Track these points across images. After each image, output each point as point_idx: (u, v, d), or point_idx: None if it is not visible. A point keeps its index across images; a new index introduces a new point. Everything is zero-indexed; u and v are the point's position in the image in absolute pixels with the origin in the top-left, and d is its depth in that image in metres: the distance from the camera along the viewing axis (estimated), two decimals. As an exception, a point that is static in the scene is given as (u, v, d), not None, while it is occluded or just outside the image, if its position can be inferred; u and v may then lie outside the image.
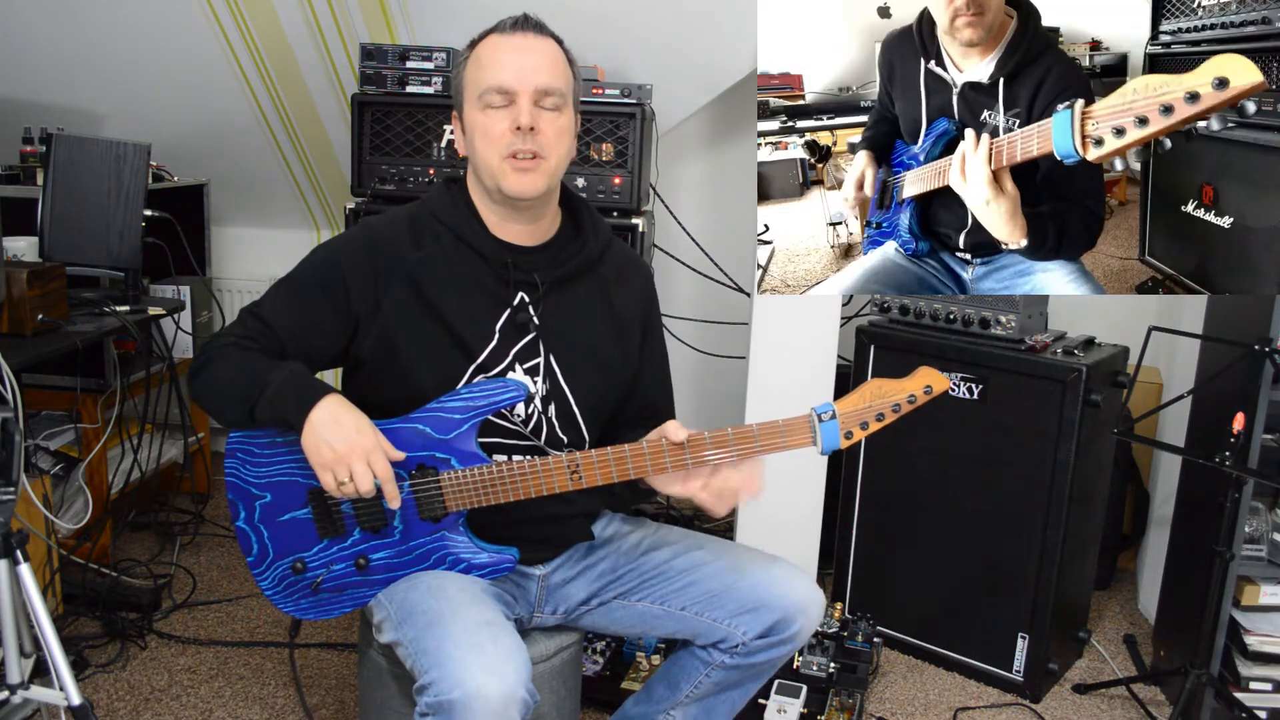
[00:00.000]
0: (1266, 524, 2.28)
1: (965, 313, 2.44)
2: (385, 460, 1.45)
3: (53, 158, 2.43)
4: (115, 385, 2.75)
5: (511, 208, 1.57)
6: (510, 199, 1.55)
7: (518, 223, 1.60)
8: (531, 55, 1.52)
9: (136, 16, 2.94)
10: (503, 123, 1.51)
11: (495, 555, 1.57)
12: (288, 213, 3.64)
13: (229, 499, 1.58)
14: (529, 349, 1.59)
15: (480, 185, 1.59)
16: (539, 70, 1.52)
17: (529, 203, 1.56)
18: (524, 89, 1.50)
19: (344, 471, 1.42)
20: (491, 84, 1.51)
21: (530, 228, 1.61)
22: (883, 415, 1.46)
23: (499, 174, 1.52)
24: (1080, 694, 2.49)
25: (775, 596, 1.56)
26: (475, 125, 1.54)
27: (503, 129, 1.51)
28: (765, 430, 1.49)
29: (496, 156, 1.52)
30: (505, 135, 1.51)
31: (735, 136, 3.46)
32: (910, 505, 2.56)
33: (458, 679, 1.30)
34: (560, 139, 1.55)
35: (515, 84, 1.50)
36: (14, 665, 1.78)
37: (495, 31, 1.55)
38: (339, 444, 1.42)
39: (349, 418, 1.45)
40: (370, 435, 1.45)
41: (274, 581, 1.58)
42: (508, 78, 1.50)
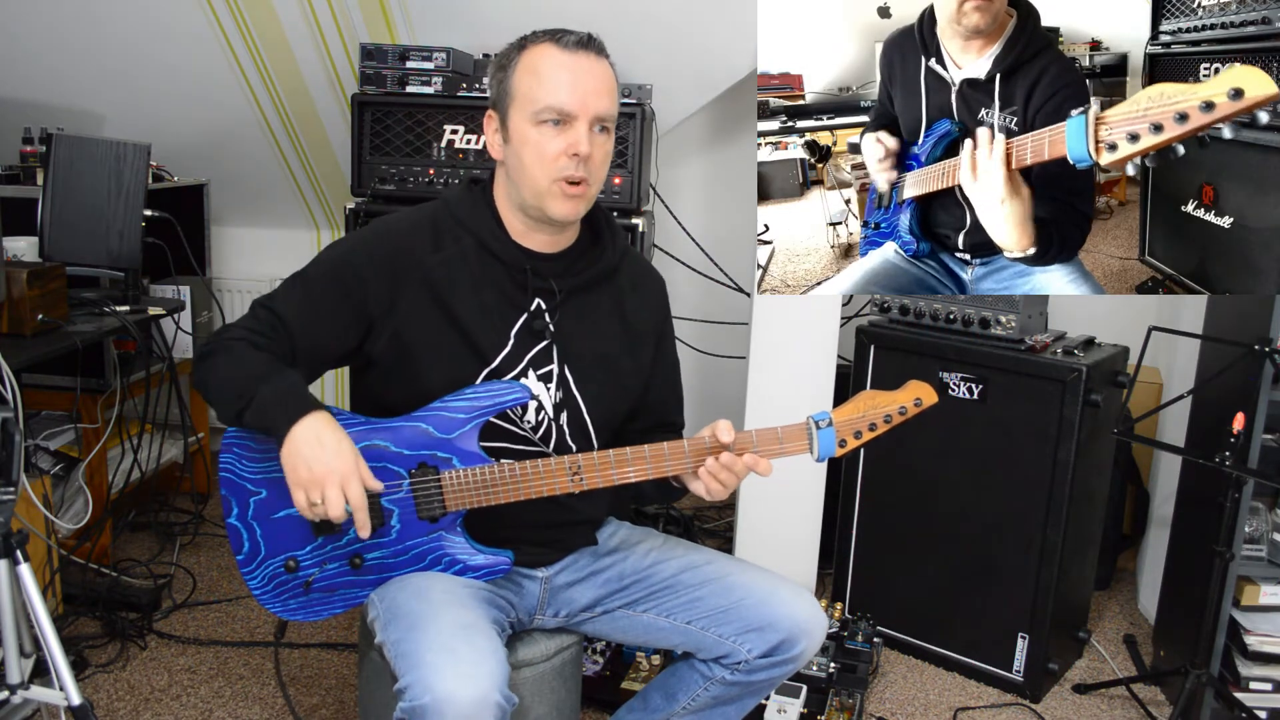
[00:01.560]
0: (1266, 524, 2.28)
1: (965, 313, 2.44)
2: (360, 488, 1.42)
3: (53, 158, 2.42)
4: (115, 385, 2.75)
5: (545, 222, 1.57)
6: (552, 220, 1.54)
7: (543, 233, 1.59)
8: (593, 79, 1.50)
9: (136, 17, 2.94)
10: (557, 144, 1.48)
11: (490, 557, 1.56)
12: (288, 213, 3.64)
13: (222, 495, 1.56)
14: (543, 356, 1.59)
15: (513, 193, 1.57)
16: (600, 95, 1.50)
17: (564, 224, 1.57)
18: (584, 114, 1.48)
19: (316, 493, 1.40)
20: (552, 103, 1.48)
21: (554, 238, 1.61)
22: (875, 425, 1.50)
23: (546, 195, 1.51)
24: (1080, 694, 2.49)
25: (781, 617, 1.56)
26: (525, 139, 1.50)
27: (557, 151, 1.48)
28: (764, 437, 1.50)
29: (546, 178, 1.50)
30: (560, 159, 1.49)
31: (735, 136, 3.47)
32: (910, 505, 2.56)
33: (428, 683, 1.30)
34: (605, 163, 1.54)
35: (577, 109, 1.48)
36: (14, 665, 1.78)
37: (554, 43, 1.50)
38: (316, 465, 1.40)
39: (331, 439, 1.42)
40: (350, 460, 1.42)
41: (264, 580, 1.57)
42: (570, 101, 1.48)
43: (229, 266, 3.72)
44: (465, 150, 2.60)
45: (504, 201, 1.59)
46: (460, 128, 2.59)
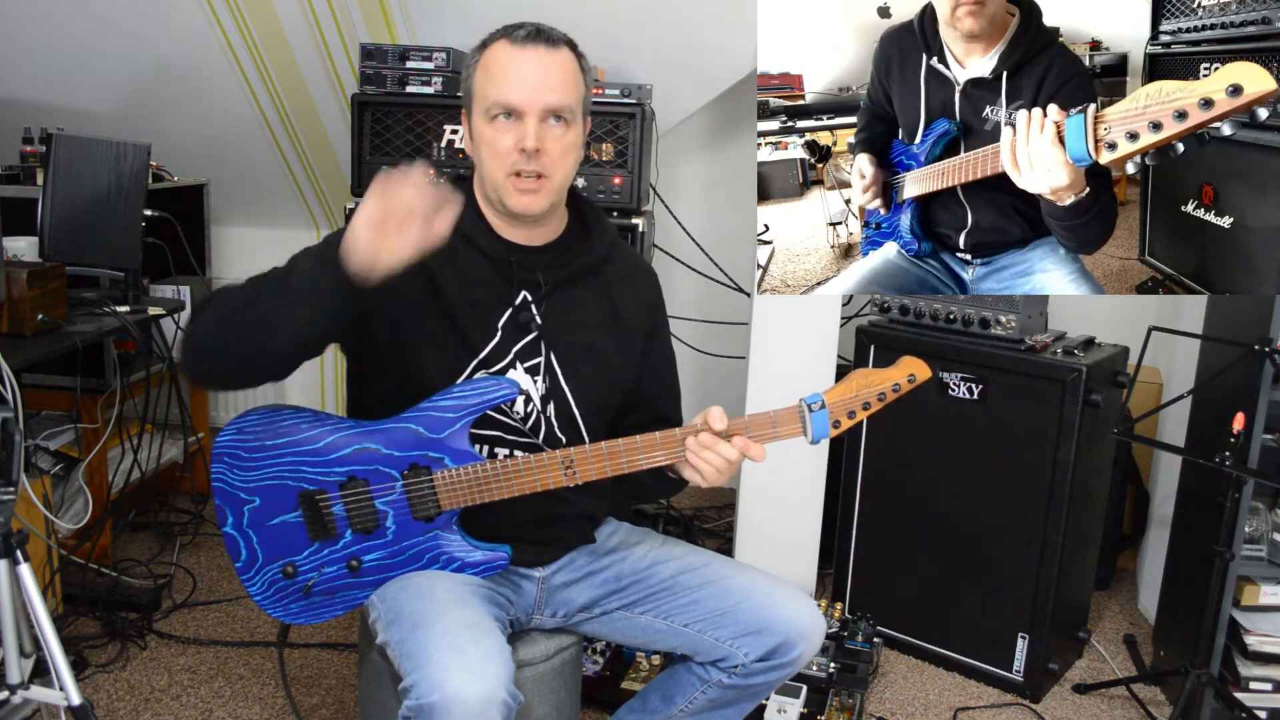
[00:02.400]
0: (1266, 524, 2.28)
1: (965, 313, 2.44)
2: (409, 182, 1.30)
3: (53, 158, 2.42)
4: (115, 385, 2.75)
5: (511, 216, 1.57)
6: (512, 214, 1.55)
7: (521, 228, 1.60)
8: (541, 71, 1.49)
9: (137, 17, 2.94)
10: (508, 139, 1.49)
11: (488, 553, 1.57)
12: (288, 213, 3.64)
13: (216, 504, 1.56)
14: (530, 348, 1.59)
15: (483, 189, 1.59)
16: (549, 88, 1.49)
17: (532, 218, 1.57)
18: (531, 109, 1.48)
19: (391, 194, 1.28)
20: (498, 99, 1.48)
21: (534, 231, 1.61)
22: (869, 404, 1.49)
23: (503, 190, 1.52)
24: (1080, 694, 2.49)
25: (779, 620, 1.56)
26: (482, 136, 1.52)
27: (508, 146, 1.49)
28: (756, 421, 1.50)
29: (501, 173, 1.51)
30: (510, 153, 1.49)
31: (735, 136, 3.47)
32: (910, 505, 2.56)
33: (437, 682, 1.30)
34: (566, 156, 1.53)
35: (523, 103, 1.48)
36: (14, 665, 1.78)
37: (506, 39, 1.51)
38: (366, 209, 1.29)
39: None
40: None
41: (264, 586, 1.57)
42: (515, 96, 1.48)
43: (229, 266, 3.72)
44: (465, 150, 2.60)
45: (482, 198, 1.61)
46: (460, 128, 2.59)
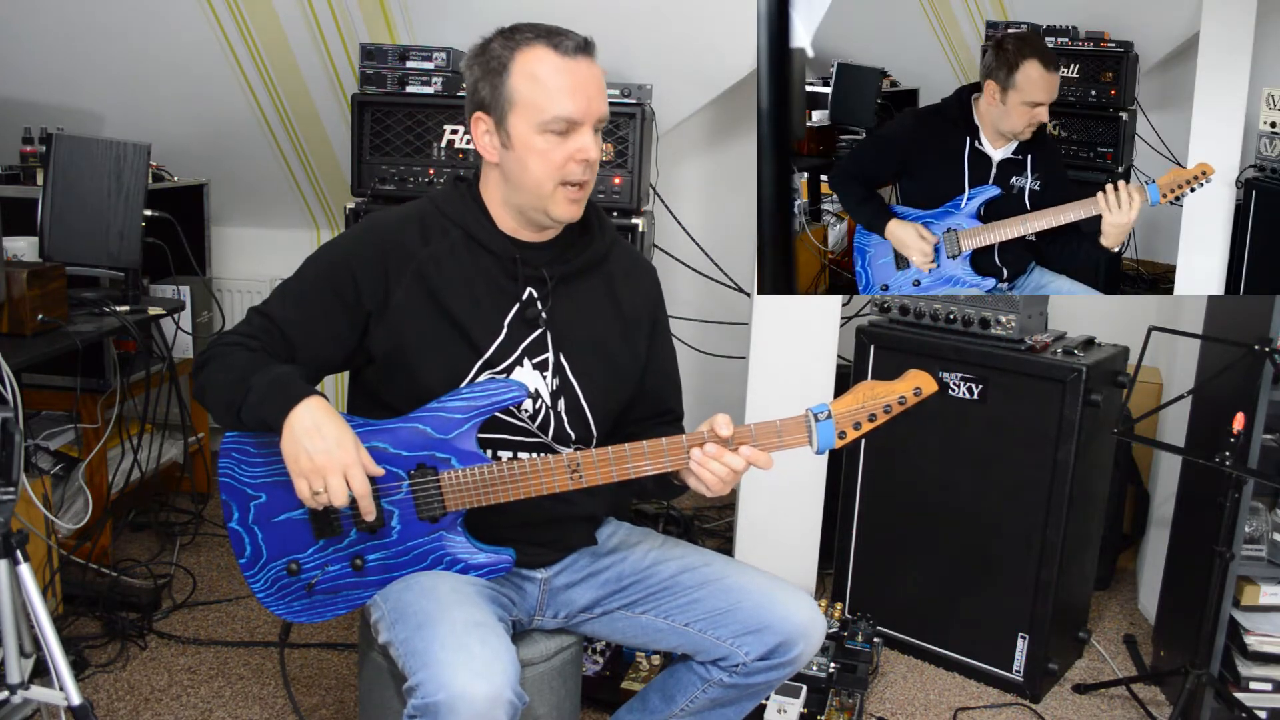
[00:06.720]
0: (1266, 524, 2.28)
1: (965, 313, 2.44)
2: (363, 476, 1.43)
3: (53, 158, 2.42)
4: (115, 385, 2.75)
5: (544, 224, 1.58)
6: (555, 222, 1.56)
7: (530, 227, 1.60)
8: (594, 84, 1.50)
9: (136, 17, 2.94)
10: (564, 150, 1.49)
11: (492, 555, 1.57)
12: (288, 213, 3.64)
13: (223, 500, 1.56)
14: (537, 344, 1.59)
15: (510, 196, 1.56)
16: (600, 100, 1.51)
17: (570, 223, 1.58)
18: (589, 121, 1.50)
19: (319, 482, 1.41)
20: (560, 114, 1.47)
21: (541, 229, 1.61)
22: (874, 415, 1.49)
23: (549, 199, 1.52)
24: (1080, 694, 2.49)
25: (779, 619, 1.56)
26: (530, 146, 1.50)
27: (564, 157, 1.49)
28: (763, 430, 1.50)
29: (551, 182, 1.51)
30: (568, 164, 1.50)
31: (735, 136, 3.47)
32: (910, 505, 2.56)
33: (443, 681, 1.31)
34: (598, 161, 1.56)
35: (583, 116, 1.49)
36: (14, 665, 1.78)
37: (553, 49, 1.48)
38: (317, 454, 1.40)
39: (330, 428, 1.42)
40: (350, 449, 1.42)
41: (267, 584, 1.57)
42: (576, 110, 1.48)
43: (229, 266, 3.72)
44: (465, 150, 2.60)
45: (495, 200, 1.59)
46: (460, 128, 2.59)
